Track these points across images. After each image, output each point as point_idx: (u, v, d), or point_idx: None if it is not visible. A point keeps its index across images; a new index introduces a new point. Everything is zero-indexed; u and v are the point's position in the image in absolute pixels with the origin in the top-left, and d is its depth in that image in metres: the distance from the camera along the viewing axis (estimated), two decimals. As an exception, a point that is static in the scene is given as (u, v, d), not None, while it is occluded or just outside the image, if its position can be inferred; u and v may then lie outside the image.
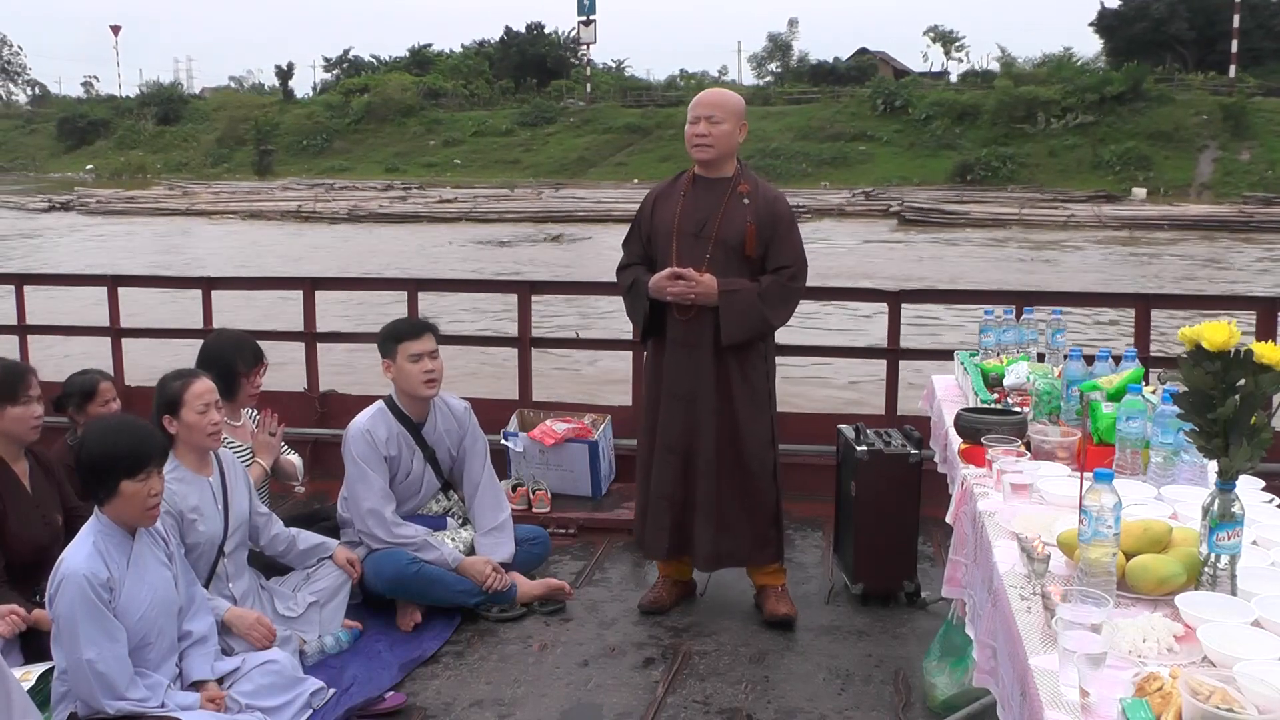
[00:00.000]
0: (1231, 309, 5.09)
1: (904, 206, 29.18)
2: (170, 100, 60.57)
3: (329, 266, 19.18)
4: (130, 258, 21.72)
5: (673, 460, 3.73)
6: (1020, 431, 2.83)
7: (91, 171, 52.17)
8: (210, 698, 2.88)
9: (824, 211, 30.47)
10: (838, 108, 45.13)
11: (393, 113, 51.18)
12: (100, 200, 35.24)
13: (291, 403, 5.28)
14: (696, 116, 3.62)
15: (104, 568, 2.76)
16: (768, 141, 41.69)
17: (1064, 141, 38.57)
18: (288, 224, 29.88)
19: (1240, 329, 2.00)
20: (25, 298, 5.90)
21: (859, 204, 32.06)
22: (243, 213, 32.14)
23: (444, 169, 46.17)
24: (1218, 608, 1.85)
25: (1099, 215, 27.84)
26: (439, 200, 33.32)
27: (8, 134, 63.82)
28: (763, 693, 3.27)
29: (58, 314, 6.71)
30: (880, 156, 41.08)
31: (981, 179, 36.85)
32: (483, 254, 22.73)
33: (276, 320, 7.69)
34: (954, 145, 40.20)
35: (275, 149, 50.23)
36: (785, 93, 50.79)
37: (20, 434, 3.35)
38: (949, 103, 42.80)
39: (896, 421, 4.53)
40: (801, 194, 32.82)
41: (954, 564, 2.68)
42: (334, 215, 30.63)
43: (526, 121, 49.33)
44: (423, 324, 3.92)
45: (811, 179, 39.16)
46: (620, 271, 3.86)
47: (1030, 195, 32.63)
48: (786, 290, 3.64)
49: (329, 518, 4.03)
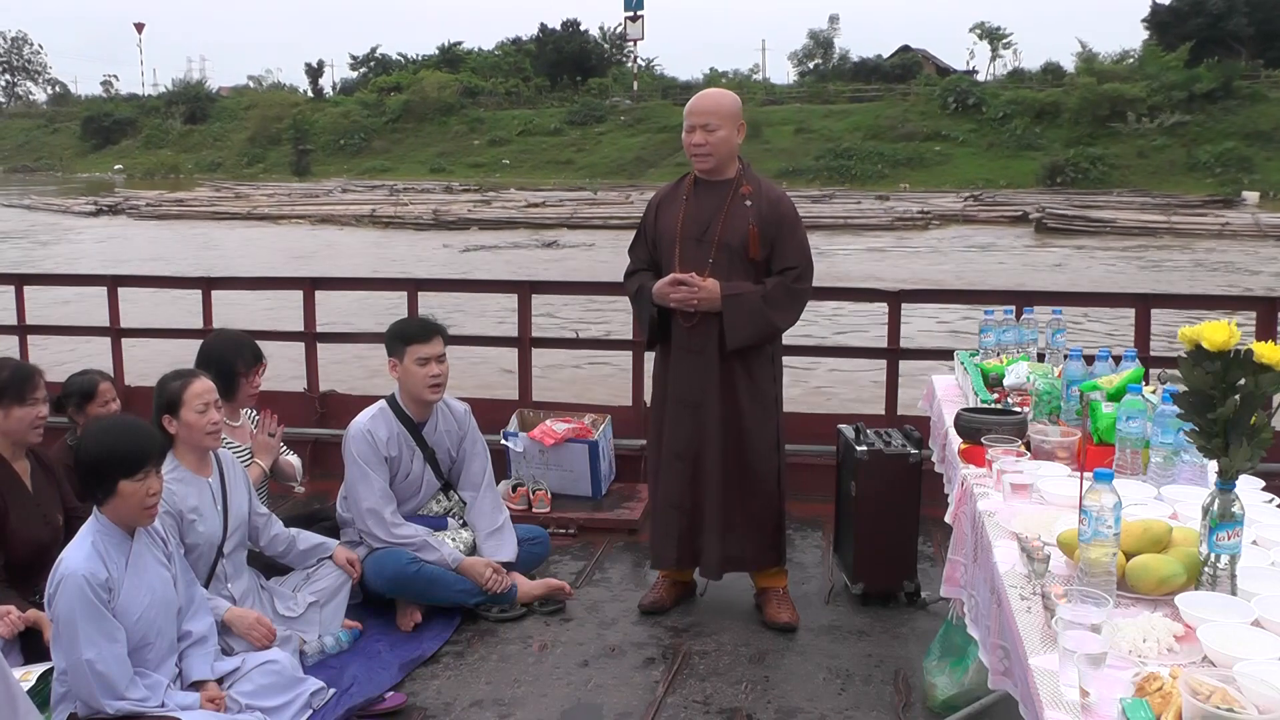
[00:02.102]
0: (1231, 309, 5.09)
1: (1044, 213, 26.34)
2: (197, 99, 59.52)
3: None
4: (224, 262, 19.64)
5: (681, 468, 3.72)
6: (1020, 431, 2.82)
7: (121, 171, 51.63)
8: (210, 698, 2.88)
9: (947, 216, 28.09)
10: (905, 106, 43.52)
11: (431, 111, 49.93)
12: (150, 203, 33.50)
13: (291, 403, 5.28)
14: (692, 125, 3.59)
15: (103, 568, 2.76)
16: (837, 142, 40.48)
17: (1152, 141, 36.67)
18: (363, 230, 27.27)
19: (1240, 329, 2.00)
20: (25, 298, 5.90)
21: (978, 208, 29.31)
22: (312, 217, 29.67)
23: (492, 169, 44.75)
24: (1218, 608, 1.85)
25: (1258, 224, 24.79)
26: (527, 205, 30.52)
27: (30, 133, 63.47)
28: (763, 693, 3.27)
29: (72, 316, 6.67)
30: (958, 157, 39.32)
31: (1072, 181, 34.87)
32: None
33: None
34: (1035, 145, 38.37)
35: (314, 148, 49.03)
36: (844, 90, 48.93)
37: (24, 434, 3.36)
38: (1025, 101, 40.99)
39: (896, 421, 4.54)
40: (892, 196, 31.65)
41: (953, 564, 2.68)
42: (418, 221, 27.89)
43: (575, 120, 47.70)
44: (432, 326, 3.89)
45: (889, 180, 37.60)
46: (628, 277, 3.84)
47: (1140, 199, 30.25)
48: (792, 292, 3.61)
49: (329, 518, 4.03)
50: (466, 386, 5.55)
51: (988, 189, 34.43)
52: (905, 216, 26.90)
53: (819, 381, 9.41)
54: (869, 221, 26.46)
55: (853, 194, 33.92)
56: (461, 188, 38.67)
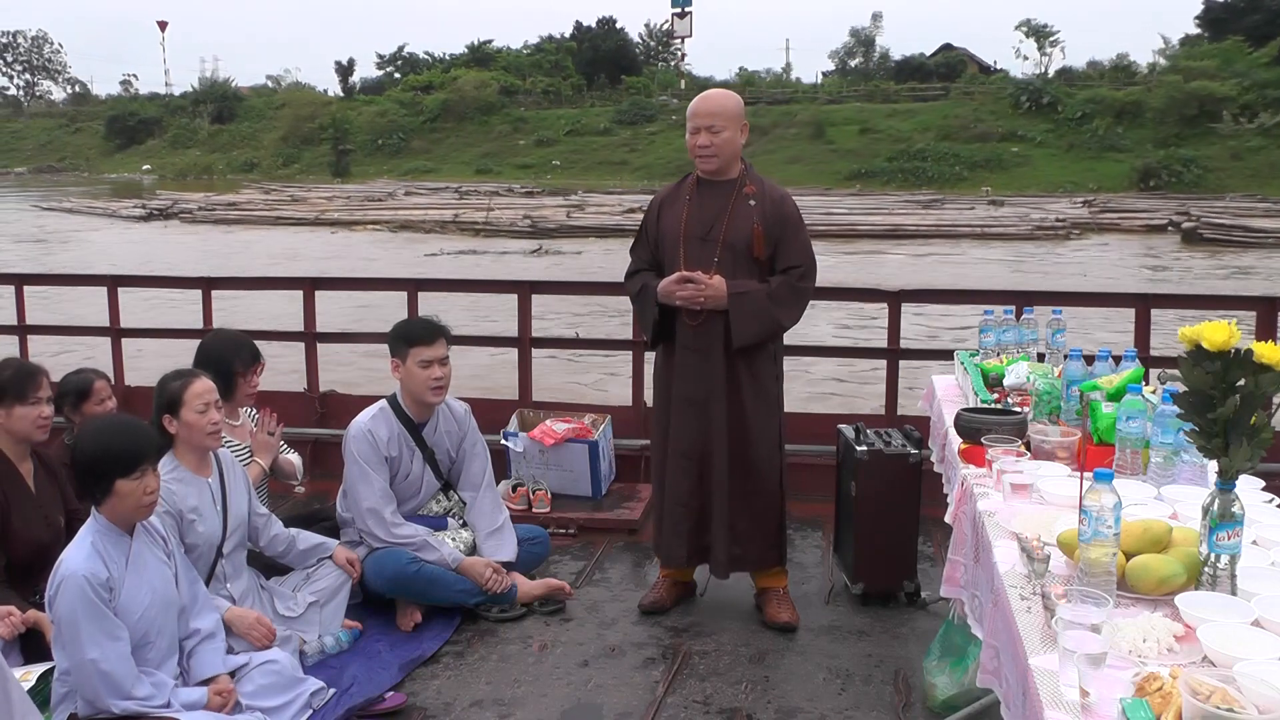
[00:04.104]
0: (1231, 309, 5.08)
1: (1198, 221, 23.98)
2: (224, 98, 58.48)
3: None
4: (342, 266, 18.39)
5: (687, 466, 3.72)
6: (1020, 431, 2.82)
7: (150, 172, 50.89)
8: (220, 690, 2.88)
9: (1083, 224, 26.05)
10: (974, 105, 41.93)
11: (471, 110, 48.77)
12: (203, 207, 31.57)
13: (291, 403, 5.28)
14: (697, 127, 3.60)
15: (103, 567, 2.76)
16: (908, 142, 39.16)
17: (1246, 143, 34.65)
18: (450, 236, 25.10)
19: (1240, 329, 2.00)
20: (25, 298, 5.91)
21: (1106, 216, 27.23)
22: (391, 223, 27.47)
23: (541, 170, 43.41)
24: (1218, 608, 1.84)
25: None
26: (625, 210, 27.80)
27: (52, 133, 62.99)
28: (763, 693, 3.27)
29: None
30: (1037, 159, 37.62)
31: (1167, 185, 33.02)
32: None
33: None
34: (1118, 147, 36.61)
35: (354, 149, 47.79)
36: (899, 89, 47.50)
37: (27, 434, 3.36)
38: (1104, 100, 39.13)
39: (896, 421, 4.54)
40: (979, 199, 29.92)
41: (952, 564, 2.68)
42: (513, 228, 25.55)
43: (624, 120, 46.39)
44: (436, 329, 3.88)
45: (968, 183, 36.04)
46: (628, 278, 3.83)
47: (1263, 205, 28.10)
48: (797, 290, 3.62)
49: (329, 518, 4.03)
50: (467, 387, 5.55)
51: (1077, 192, 33.16)
52: (1045, 225, 24.85)
53: (818, 381, 9.41)
54: (1007, 231, 24.46)
55: (963, 198, 32.05)
56: (524, 190, 37.24)
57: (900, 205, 30.02)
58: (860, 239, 23.86)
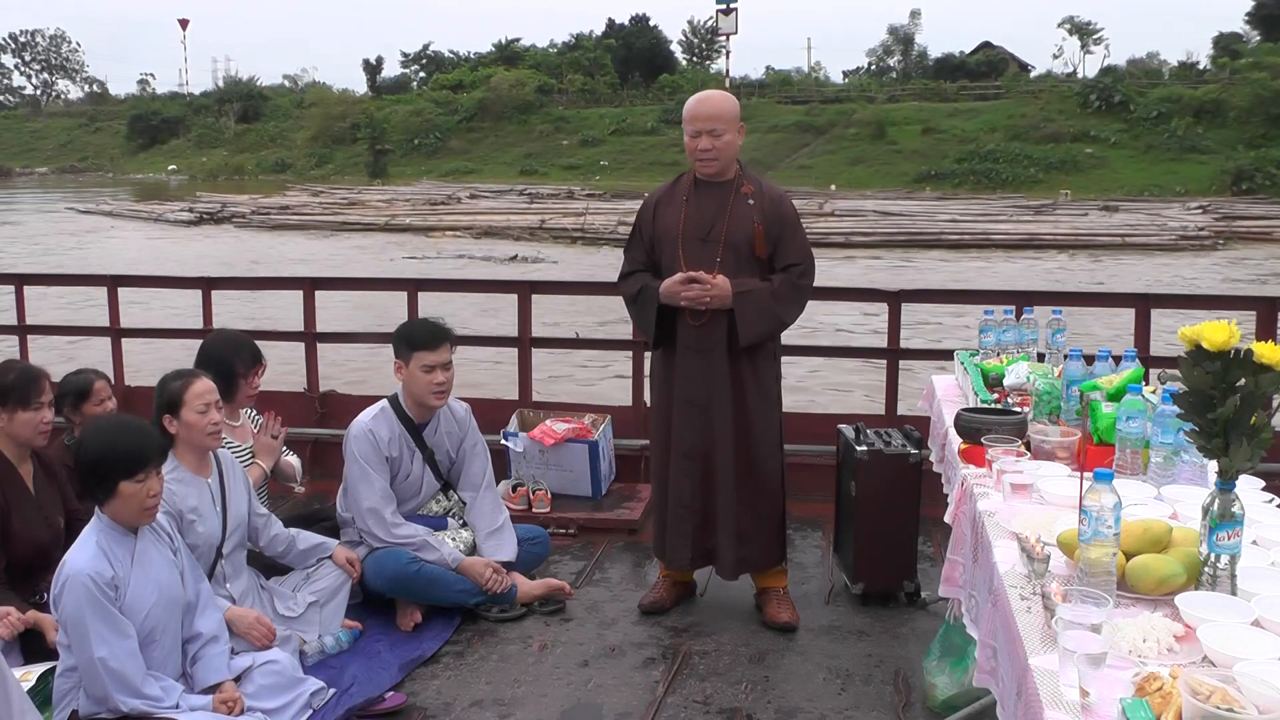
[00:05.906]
0: (1231, 309, 5.08)
1: None
2: (249, 97, 57.80)
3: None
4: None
5: (690, 468, 3.72)
6: (1020, 431, 2.82)
7: (175, 172, 50.21)
8: (226, 700, 2.87)
9: (1223, 232, 24.43)
10: (1040, 104, 40.74)
11: (508, 110, 47.84)
12: (257, 211, 30.18)
13: (291, 403, 5.28)
14: (697, 131, 3.60)
15: (108, 566, 2.76)
16: (976, 143, 38.16)
17: None
18: (546, 245, 23.80)
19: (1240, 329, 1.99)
20: (25, 298, 5.90)
21: (1240, 224, 25.65)
22: (475, 229, 26.52)
23: (589, 171, 42.50)
24: (1218, 608, 1.85)
25: None
26: None
27: (72, 132, 62.50)
28: (763, 693, 3.27)
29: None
30: (1113, 160, 36.35)
31: (1261, 187, 31.72)
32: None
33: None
34: (1199, 148, 35.43)
35: (391, 149, 46.77)
36: (967, 89, 46.46)
37: (28, 437, 3.36)
38: (1181, 99, 37.93)
39: (896, 421, 4.54)
40: (1060, 203, 28.37)
41: (952, 564, 2.68)
42: (614, 235, 23.54)
43: (671, 119, 43.39)
44: (440, 333, 3.86)
45: (1044, 185, 34.76)
46: (623, 279, 3.82)
47: None
48: (798, 288, 3.64)
49: (329, 518, 4.03)
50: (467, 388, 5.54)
51: (1163, 196, 32.09)
52: (1189, 235, 23.60)
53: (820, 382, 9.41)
54: (1149, 240, 23.27)
55: (1076, 204, 30.44)
56: (585, 193, 35.93)
57: (1004, 210, 28.45)
58: (992, 249, 22.41)
